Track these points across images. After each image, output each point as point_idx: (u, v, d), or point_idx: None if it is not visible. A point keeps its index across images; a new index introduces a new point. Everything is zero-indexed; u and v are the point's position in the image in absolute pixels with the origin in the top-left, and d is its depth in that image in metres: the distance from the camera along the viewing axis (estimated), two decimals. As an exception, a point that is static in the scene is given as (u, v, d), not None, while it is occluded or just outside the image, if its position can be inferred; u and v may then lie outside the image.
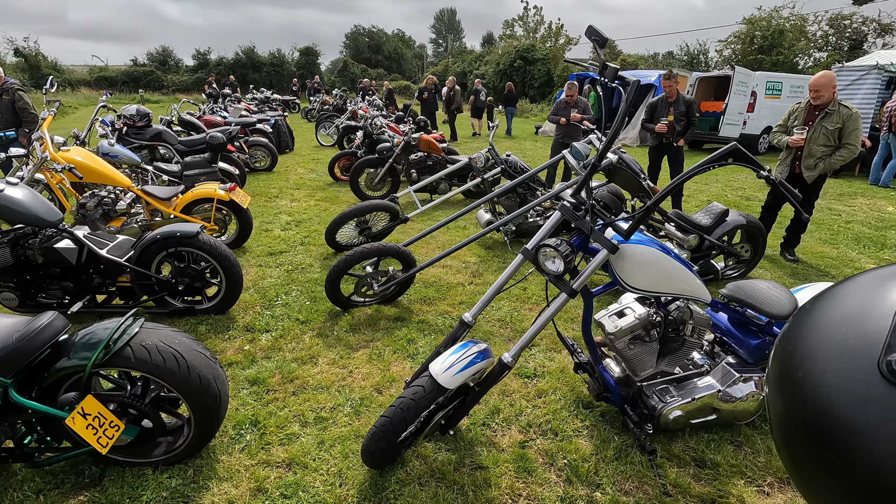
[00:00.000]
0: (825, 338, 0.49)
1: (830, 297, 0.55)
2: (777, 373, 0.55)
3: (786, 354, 0.53)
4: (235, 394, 2.52)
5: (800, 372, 0.49)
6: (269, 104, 15.91)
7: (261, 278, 4.01)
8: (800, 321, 0.55)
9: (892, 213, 6.71)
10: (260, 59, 36.34)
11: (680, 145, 5.79)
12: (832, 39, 22.23)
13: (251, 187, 7.26)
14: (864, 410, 0.43)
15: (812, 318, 0.52)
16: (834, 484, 0.48)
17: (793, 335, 0.54)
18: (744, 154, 1.62)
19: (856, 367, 0.45)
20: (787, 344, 0.54)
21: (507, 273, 2.03)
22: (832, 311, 0.51)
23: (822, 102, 4.16)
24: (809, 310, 0.56)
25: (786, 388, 0.51)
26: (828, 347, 0.48)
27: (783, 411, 0.53)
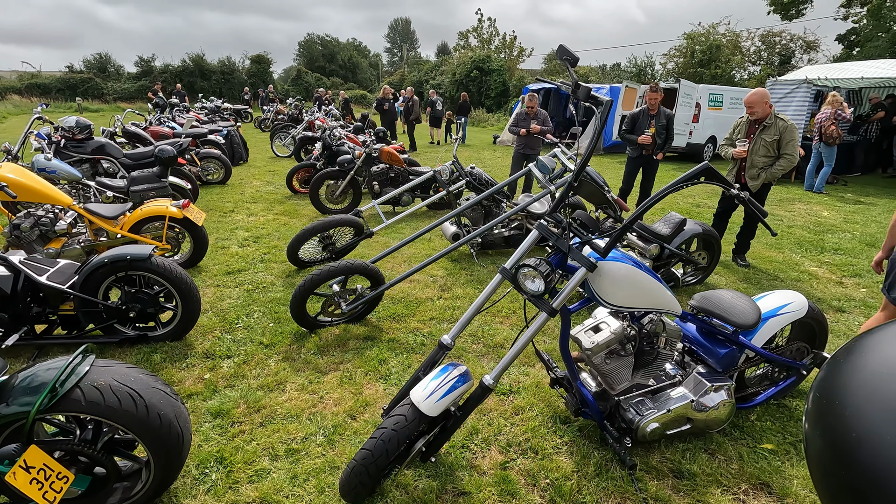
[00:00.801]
0: (879, 397, 0.48)
1: (871, 349, 0.54)
2: (825, 429, 0.53)
3: (834, 411, 0.51)
4: (197, 428, 2.36)
5: (854, 433, 0.47)
6: (219, 113, 15.34)
7: (219, 300, 3.81)
8: (842, 374, 0.54)
9: (827, 217, 7.19)
10: (209, 66, 35.11)
11: (658, 159, 5.84)
12: (764, 55, 23.87)
13: (204, 201, 6.94)
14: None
15: (857, 372, 0.51)
16: None
17: (838, 389, 0.52)
18: (715, 173, 1.67)
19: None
20: (833, 398, 0.52)
21: (486, 293, 1.99)
22: (878, 365, 0.50)
23: (757, 117, 4.42)
24: (851, 362, 0.55)
25: (838, 447, 0.49)
26: (884, 407, 0.47)
27: (834, 470, 0.51)
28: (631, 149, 6.00)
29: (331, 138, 7.47)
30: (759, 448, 2.34)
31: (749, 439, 2.40)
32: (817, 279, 4.65)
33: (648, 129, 5.66)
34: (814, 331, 2.64)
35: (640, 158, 5.94)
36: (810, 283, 4.53)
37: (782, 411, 2.62)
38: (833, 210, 7.65)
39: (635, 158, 6.00)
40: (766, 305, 2.49)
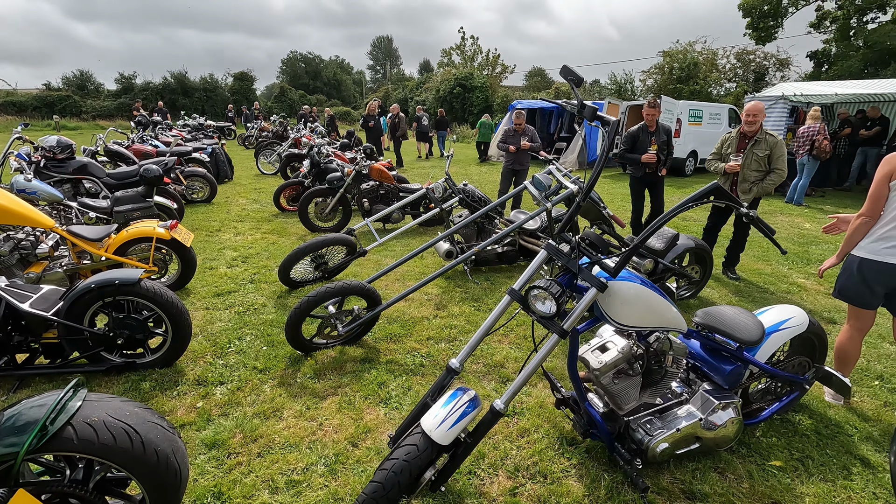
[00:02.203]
0: None
1: None
2: None
3: None
4: (192, 461, 2.25)
5: None
6: (203, 131, 15.19)
7: (209, 323, 3.70)
8: None
9: (808, 229, 7.35)
10: (191, 84, 34.94)
11: (663, 175, 5.57)
12: (740, 72, 24.63)
13: (190, 220, 6.81)
14: None
15: None
16: None
17: None
18: (724, 192, 1.67)
19: None
20: None
21: (495, 315, 1.95)
22: None
23: (755, 128, 4.49)
24: None
25: None
26: None
27: None
28: (633, 168, 5.68)
29: (319, 155, 7.43)
30: (768, 466, 2.32)
31: (757, 456, 2.38)
32: (806, 291, 4.72)
33: (650, 146, 5.40)
34: (814, 345, 2.65)
35: (644, 177, 5.63)
36: (800, 296, 4.59)
37: (787, 426, 2.62)
38: (814, 222, 7.82)
39: (640, 178, 5.68)
40: (768, 320, 2.50)
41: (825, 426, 2.63)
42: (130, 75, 34.24)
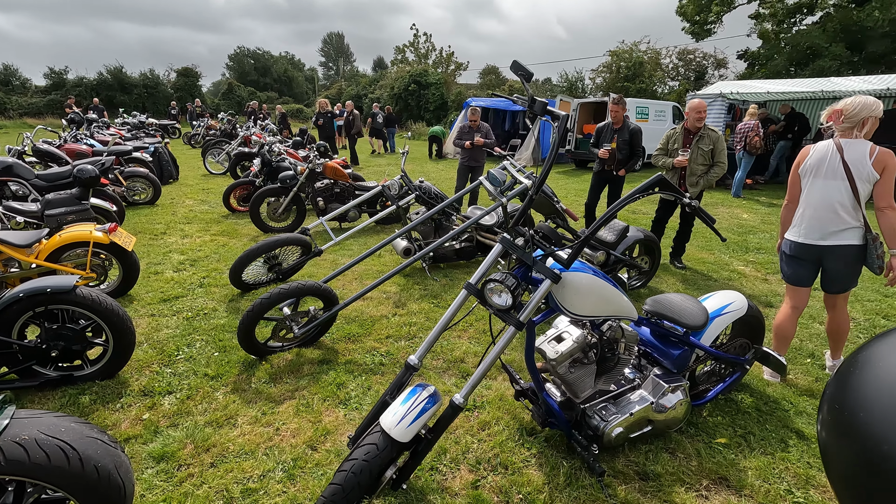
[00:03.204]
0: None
1: (882, 361, 0.55)
2: (854, 447, 0.54)
3: (857, 424, 0.52)
4: (139, 475, 2.13)
5: (885, 445, 0.48)
6: (144, 129, 14.42)
7: (155, 330, 3.52)
8: (858, 387, 0.55)
9: (746, 219, 7.80)
10: (130, 80, 33.04)
11: (621, 175, 5.50)
12: (682, 71, 25.82)
13: (132, 224, 6.45)
14: None
15: (874, 384, 0.52)
16: None
17: (857, 403, 0.53)
18: (668, 184, 1.74)
19: None
20: (856, 411, 0.53)
21: (452, 310, 1.95)
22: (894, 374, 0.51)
23: (701, 124, 4.71)
24: (867, 373, 0.56)
25: (869, 461, 0.49)
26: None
27: (867, 483, 0.52)
28: (596, 163, 5.72)
29: (270, 154, 7.20)
30: (714, 443, 2.45)
31: (704, 435, 2.50)
32: (745, 277, 5.01)
33: (609, 143, 5.44)
34: (753, 327, 2.81)
35: (602, 173, 5.67)
36: (740, 282, 4.86)
37: (730, 405, 2.77)
38: (752, 212, 8.31)
39: (598, 173, 5.74)
40: (712, 306, 2.63)
41: (764, 403, 2.79)
42: (61, 70, 32.00)
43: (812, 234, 2.85)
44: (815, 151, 2.86)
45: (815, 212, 2.83)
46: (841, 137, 2.77)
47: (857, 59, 18.26)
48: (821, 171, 2.80)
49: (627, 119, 5.57)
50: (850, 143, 2.72)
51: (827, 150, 2.79)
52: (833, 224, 2.78)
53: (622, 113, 5.45)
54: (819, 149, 2.84)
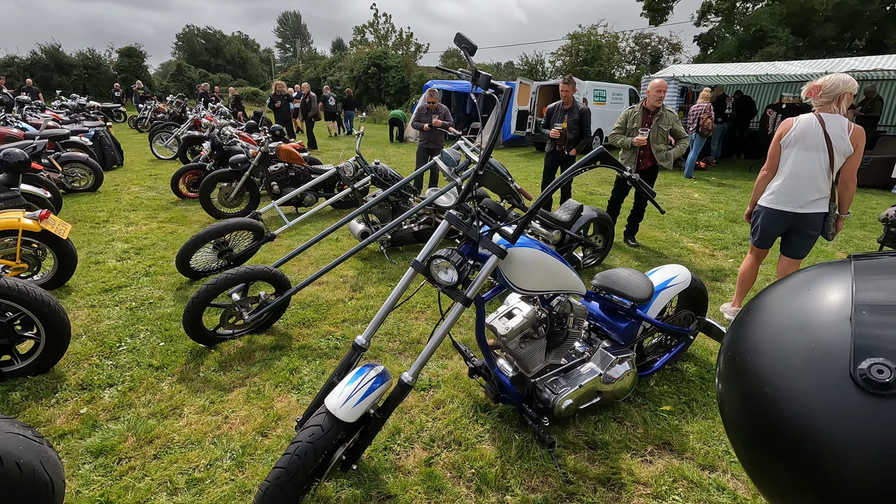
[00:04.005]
0: (787, 350, 0.50)
1: (772, 305, 0.57)
2: (740, 389, 0.55)
3: (746, 369, 0.53)
4: (74, 472, 2.03)
5: (767, 387, 0.49)
6: (84, 112, 13.55)
7: (95, 322, 3.34)
8: (749, 332, 0.56)
9: (697, 199, 8.09)
10: (67, 60, 30.90)
11: (572, 154, 5.55)
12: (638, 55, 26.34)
13: (70, 212, 6.08)
14: (841, 422, 0.44)
15: (763, 328, 0.53)
16: (806, 496, 0.49)
17: (747, 348, 0.54)
18: (609, 157, 1.76)
19: (828, 380, 0.45)
20: (745, 356, 0.54)
21: (399, 289, 1.93)
22: (782, 321, 0.53)
23: (661, 104, 4.80)
24: (755, 320, 0.57)
25: (753, 404, 0.51)
26: (792, 360, 0.49)
27: (751, 427, 0.53)
28: (548, 143, 5.79)
29: (221, 137, 6.91)
30: (660, 411, 2.54)
31: (650, 404, 2.60)
32: (694, 254, 5.20)
33: (560, 123, 5.50)
34: (696, 299, 2.92)
35: (554, 153, 5.73)
36: (689, 258, 5.05)
37: (676, 375, 2.88)
38: (702, 192, 8.62)
39: (551, 153, 5.81)
40: (657, 279, 2.71)
41: (707, 371, 2.92)
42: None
43: (792, 202, 3.06)
44: (798, 123, 3.00)
45: (798, 181, 3.01)
46: (821, 112, 2.91)
47: (802, 44, 19.10)
48: (804, 143, 2.95)
49: (577, 100, 5.64)
50: (830, 118, 2.88)
51: (810, 122, 2.93)
52: (811, 193, 2.99)
53: (572, 93, 5.51)
54: (802, 121, 2.99)
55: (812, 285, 0.53)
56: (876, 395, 0.42)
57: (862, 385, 0.44)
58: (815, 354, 0.46)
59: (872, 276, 0.48)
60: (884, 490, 0.42)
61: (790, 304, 0.53)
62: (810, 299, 0.51)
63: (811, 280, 0.55)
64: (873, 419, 0.42)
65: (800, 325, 0.50)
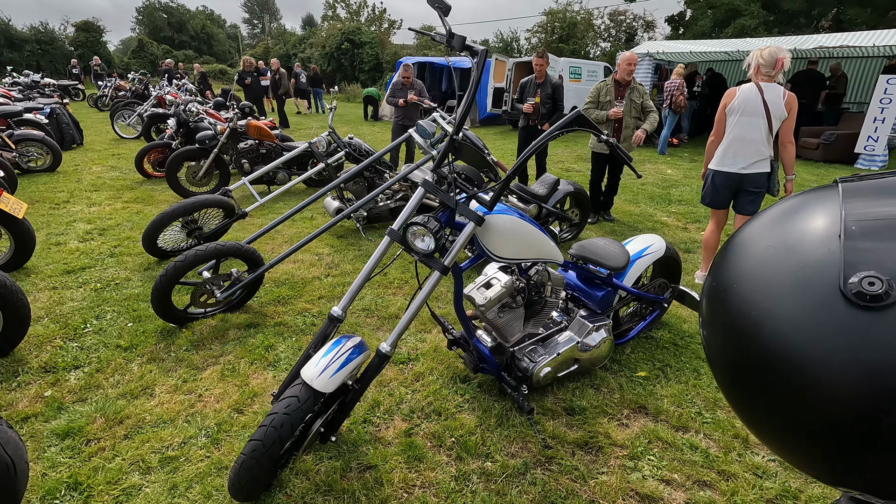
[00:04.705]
0: (772, 273, 0.49)
1: (755, 235, 0.55)
2: (724, 320, 0.54)
3: (727, 305, 0.52)
4: (39, 455, 1.96)
5: (754, 311, 0.47)
6: (39, 90, 12.83)
7: (57, 304, 3.20)
8: (730, 265, 0.54)
9: (671, 174, 8.21)
10: (18, 34, 29.15)
11: (546, 129, 5.37)
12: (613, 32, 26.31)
13: (27, 192, 5.78)
14: (833, 340, 0.43)
15: (746, 257, 0.52)
16: (798, 422, 0.48)
17: (729, 280, 0.53)
18: (586, 120, 1.73)
19: (817, 297, 0.44)
20: (723, 295, 0.52)
21: (375, 258, 1.89)
22: (767, 245, 0.51)
23: (631, 77, 4.79)
24: (737, 252, 0.56)
25: (738, 333, 0.49)
26: (779, 282, 0.48)
27: (737, 357, 0.52)
28: (522, 118, 5.75)
29: (187, 113, 6.64)
30: (635, 377, 2.59)
31: (626, 370, 2.64)
32: (668, 227, 5.29)
33: (533, 97, 5.45)
34: (670, 268, 2.97)
35: (528, 128, 5.68)
36: (663, 231, 5.13)
37: (650, 342, 2.94)
38: (675, 168, 8.74)
39: (524, 128, 5.75)
40: (633, 248, 2.74)
41: (680, 338, 2.99)
42: (-70, 22, 27.64)
43: (737, 163, 3.35)
44: (740, 93, 3.28)
45: (741, 145, 3.31)
46: (761, 81, 3.20)
47: (773, 19, 19.37)
48: (746, 110, 3.24)
49: (550, 74, 5.59)
50: (768, 87, 3.19)
51: (750, 91, 3.23)
52: (753, 155, 3.31)
53: (545, 66, 5.47)
54: (744, 90, 3.27)
55: (798, 209, 0.52)
56: (867, 308, 0.41)
57: (853, 299, 0.43)
58: (802, 274, 0.45)
59: (860, 196, 0.47)
60: (879, 405, 0.41)
61: (775, 229, 0.52)
62: (796, 222, 0.50)
63: (797, 205, 0.54)
64: (866, 333, 0.41)
65: (786, 247, 0.49)
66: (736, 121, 3.31)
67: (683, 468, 2.00)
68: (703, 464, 2.02)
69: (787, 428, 0.49)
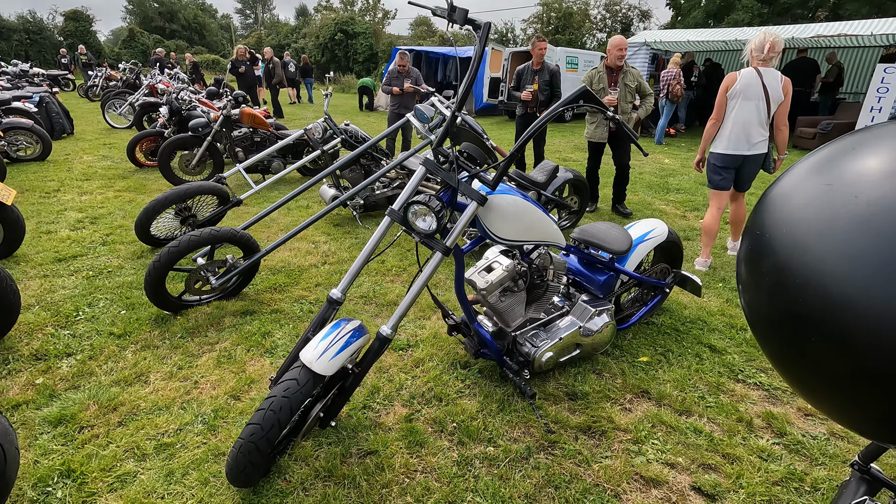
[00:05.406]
0: (834, 214, 0.44)
1: (804, 178, 0.51)
2: (774, 270, 0.49)
3: (780, 245, 0.48)
4: (31, 442, 1.91)
5: (808, 257, 0.43)
6: (28, 79, 12.60)
7: (48, 291, 3.14)
8: (778, 209, 0.50)
9: (668, 164, 8.18)
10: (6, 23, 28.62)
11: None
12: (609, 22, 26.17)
13: (16, 181, 5.68)
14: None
15: (797, 200, 0.48)
16: (860, 376, 0.44)
17: (779, 224, 0.49)
18: (592, 96, 1.69)
19: (885, 235, 0.40)
20: (776, 234, 0.48)
21: (374, 239, 1.84)
22: (824, 185, 0.47)
23: (622, 62, 4.70)
24: (785, 196, 0.51)
25: (793, 281, 0.45)
26: (841, 222, 0.43)
27: (791, 308, 0.48)
28: (519, 107, 5.61)
29: (179, 101, 6.52)
30: (637, 362, 2.57)
31: (628, 356, 2.62)
32: (666, 214, 5.26)
33: (531, 84, 5.34)
34: (672, 253, 2.94)
35: (526, 117, 5.57)
36: (661, 219, 5.08)
37: (652, 328, 2.91)
38: (672, 158, 8.71)
39: (522, 116, 5.63)
40: (636, 233, 2.70)
41: (682, 324, 2.97)
42: (-86, 10, 27.02)
43: (741, 146, 3.46)
44: (741, 77, 3.37)
45: (743, 127, 3.42)
46: (760, 66, 3.30)
47: (767, 12, 19.32)
48: (747, 94, 3.35)
49: (547, 62, 5.47)
50: (767, 71, 3.29)
51: (751, 76, 3.32)
52: (754, 136, 3.44)
53: (545, 49, 5.37)
54: (744, 75, 3.36)
55: (856, 147, 0.48)
56: None
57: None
58: (866, 212, 0.41)
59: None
60: None
61: (830, 169, 0.48)
62: (855, 160, 0.46)
63: (854, 143, 0.50)
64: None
65: (845, 185, 0.45)
66: (737, 104, 3.40)
67: (688, 452, 1.98)
68: (707, 447, 2.00)
69: (846, 377, 0.45)
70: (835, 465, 1.91)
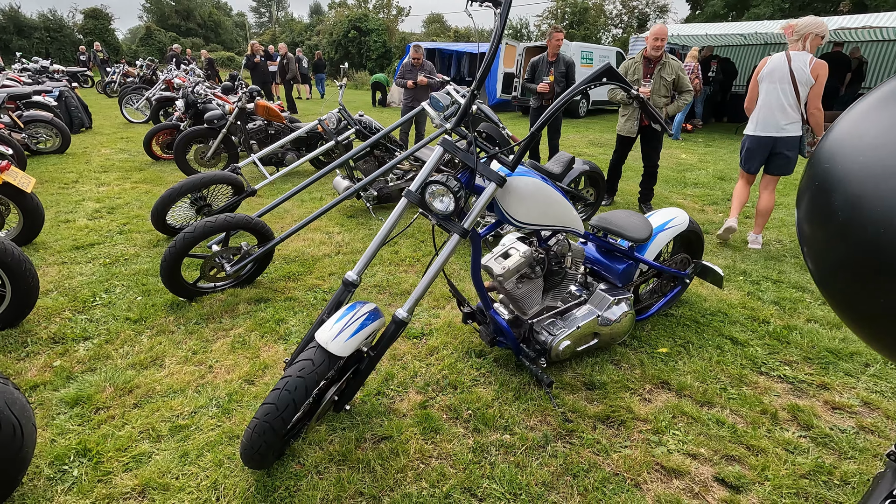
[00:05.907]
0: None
1: (880, 111, 0.46)
2: (846, 207, 0.45)
3: (855, 182, 0.43)
4: (48, 422, 1.92)
5: (886, 183, 0.39)
6: (48, 75, 12.83)
7: (66, 278, 3.17)
8: (849, 146, 0.45)
9: (685, 159, 8.04)
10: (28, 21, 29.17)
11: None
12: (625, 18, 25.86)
13: (36, 173, 5.76)
14: None
15: (871, 131, 0.44)
16: None
17: (854, 163, 0.44)
18: (616, 74, 1.64)
19: None
20: (853, 172, 0.44)
21: (391, 221, 1.81)
22: (872, 137, 0.43)
23: (660, 53, 4.49)
24: (855, 128, 0.47)
25: (867, 216, 0.41)
26: None
27: (864, 245, 0.43)
28: (533, 99, 5.60)
29: (195, 95, 6.57)
30: (656, 353, 2.51)
31: (647, 347, 2.56)
32: (684, 208, 5.16)
33: (547, 76, 5.28)
34: (693, 243, 2.87)
35: (541, 109, 5.52)
36: (679, 213, 5.00)
37: (671, 319, 2.85)
38: (689, 153, 8.57)
39: (537, 109, 5.61)
40: (656, 221, 2.64)
41: (702, 316, 2.90)
42: (-60, 9, 27.72)
43: (768, 128, 3.58)
44: (770, 61, 3.48)
45: (770, 110, 3.54)
46: (791, 50, 3.37)
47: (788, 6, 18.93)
48: (774, 77, 3.47)
49: (562, 53, 5.40)
50: (796, 55, 3.35)
51: (779, 60, 3.42)
52: (782, 119, 3.53)
53: (562, 39, 5.31)
54: (773, 59, 3.47)
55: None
56: None
57: None
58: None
59: None
60: None
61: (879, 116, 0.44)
62: None
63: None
64: None
65: None
66: (765, 88, 3.55)
67: (710, 443, 1.92)
68: (730, 439, 1.94)
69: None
70: (865, 459, 1.84)
